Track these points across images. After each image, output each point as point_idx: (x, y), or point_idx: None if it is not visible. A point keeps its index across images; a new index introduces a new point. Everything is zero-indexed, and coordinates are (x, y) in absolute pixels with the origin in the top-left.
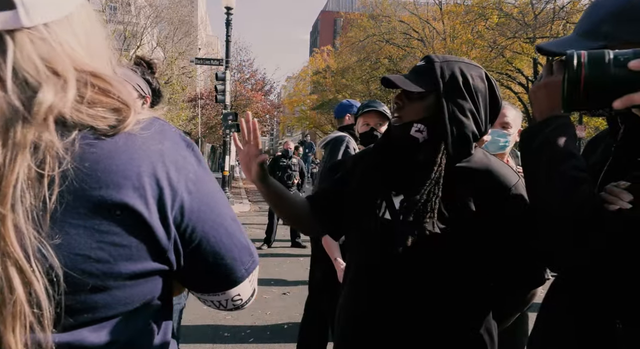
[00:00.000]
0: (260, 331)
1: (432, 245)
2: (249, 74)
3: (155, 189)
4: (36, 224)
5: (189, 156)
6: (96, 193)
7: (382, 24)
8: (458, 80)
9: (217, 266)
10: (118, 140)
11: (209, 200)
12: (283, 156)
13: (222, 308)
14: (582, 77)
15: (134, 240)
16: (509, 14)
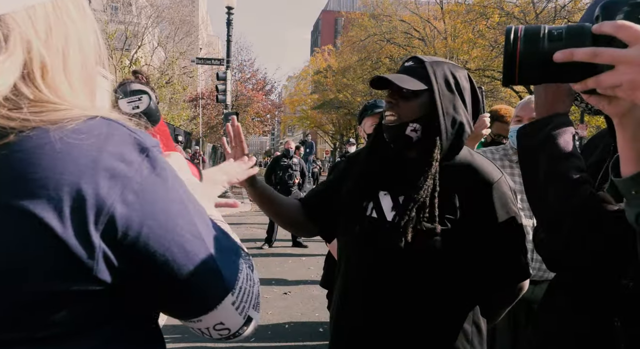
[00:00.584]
0: (261, 331)
1: (423, 241)
2: (250, 73)
3: (75, 201)
4: None
5: (137, 162)
6: (6, 203)
7: (383, 23)
8: (449, 79)
9: (173, 291)
10: (44, 145)
11: (157, 212)
12: (284, 155)
13: (208, 336)
14: (517, 52)
15: (47, 255)
16: (510, 13)
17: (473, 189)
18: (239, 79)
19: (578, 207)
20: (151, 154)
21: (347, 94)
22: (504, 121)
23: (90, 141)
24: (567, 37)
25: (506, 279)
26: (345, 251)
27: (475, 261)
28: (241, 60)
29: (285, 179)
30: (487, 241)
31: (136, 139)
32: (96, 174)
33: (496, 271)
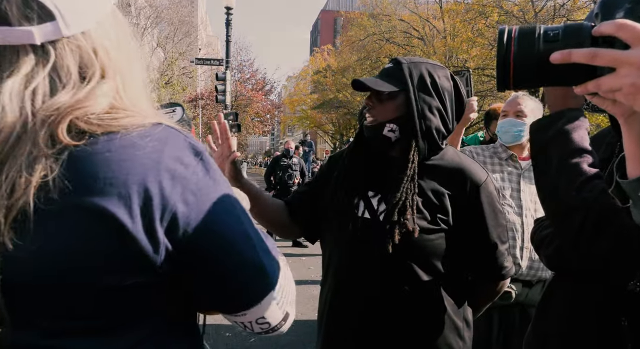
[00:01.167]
0: None
1: (413, 241)
2: (250, 73)
3: (142, 199)
4: (16, 228)
5: (193, 164)
6: (80, 200)
7: (383, 22)
8: (426, 79)
9: (222, 285)
10: (111, 147)
11: (212, 212)
12: (284, 155)
13: (250, 330)
14: (511, 55)
15: (118, 250)
16: (509, 11)
17: (462, 189)
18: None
19: (590, 202)
20: (204, 158)
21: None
22: None
23: (152, 144)
24: (564, 38)
25: (486, 276)
26: (335, 251)
27: (461, 257)
28: (240, 61)
29: (285, 179)
30: (471, 238)
31: (191, 144)
32: (159, 174)
33: (477, 267)
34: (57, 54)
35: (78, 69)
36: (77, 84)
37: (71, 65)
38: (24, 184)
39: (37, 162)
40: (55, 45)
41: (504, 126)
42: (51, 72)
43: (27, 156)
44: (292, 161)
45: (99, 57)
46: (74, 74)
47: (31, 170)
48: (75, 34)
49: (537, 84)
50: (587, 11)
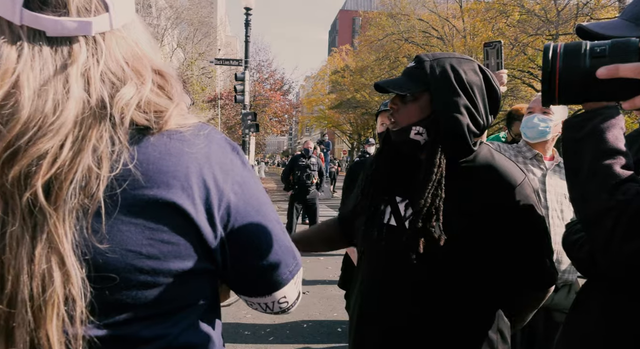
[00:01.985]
0: (280, 330)
1: (441, 248)
2: (268, 74)
3: (203, 190)
4: (87, 221)
5: (234, 158)
6: (147, 192)
7: (401, 22)
8: (450, 76)
9: (261, 268)
10: (168, 142)
11: (254, 202)
12: (302, 155)
13: (269, 311)
14: (557, 70)
15: (182, 238)
16: (530, 10)
17: (496, 192)
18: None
19: (623, 205)
20: (240, 152)
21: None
22: None
23: (201, 140)
24: (611, 53)
25: (532, 285)
26: (364, 260)
27: (499, 266)
28: (259, 61)
29: (303, 178)
30: (511, 246)
31: (227, 140)
32: (212, 167)
33: (521, 276)
34: (107, 45)
35: (125, 62)
36: (129, 77)
37: (119, 57)
38: (95, 176)
39: (106, 156)
40: (104, 37)
41: (529, 122)
42: (105, 64)
43: (95, 150)
44: (311, 161)
45: (141, 49)
46: (123, 67)
47: (101, 163)
48: (119, 27)
49: (583, 99)
50: (611, 9)
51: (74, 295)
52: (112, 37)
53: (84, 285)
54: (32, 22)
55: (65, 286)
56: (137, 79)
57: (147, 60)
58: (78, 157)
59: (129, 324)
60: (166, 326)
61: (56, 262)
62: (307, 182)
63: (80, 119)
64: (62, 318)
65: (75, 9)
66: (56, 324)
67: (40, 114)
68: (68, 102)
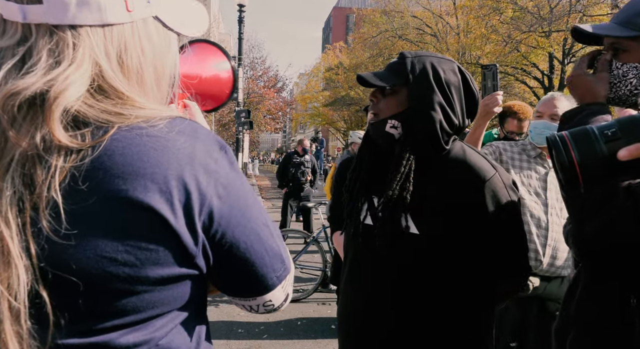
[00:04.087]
0: (274, 327)
1: (414, 244)
2: (262, 71)
3: (183, 194)
4: (45, 218)
5: (220, 158)
6: (123, 195)
7: (395, 19)
8: (428, 73)
9: (247, 273)
10: (147, 141)
11: (240, 204)
12: (296, 152)
13: (254, 311)
14: (574, 160)
15: (160, 245)
16: (523, 7)
17: (465, 187)
18: (250, 76)
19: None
20: (228, 151)
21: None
22: (517, 117)
23: (183, 138)
24: (623, 134)
25: (503, 277)
26: (345, 259)
27: (471, 260)
28: (253, 58)
29: (297, 176)
30: (483, 239)
31: (214, 137)
32: (194, 169)
33: (492, 269)
34: (37, 37)
35: (49, 58)
36: (41, 71)
37: (43, 51)
38: (41, 168)
39: (54, 151)
40: (38, 29)
41: (537, 128)
42: (26, 53)
43: (41, 144)
44: (305, 158)
45: (77, 52)
46: (44, 61)
47: (47, 154)
48: (61, 25)
49: (608, 179)
50: (604, 6)
51: (18, 291)
52: (47, 31)
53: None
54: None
55: (9, 283)
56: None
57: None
58: (5, 146)
59: (107, 331)
60: (148, 332)
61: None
62: (301, 179)
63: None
64: (16, 314)
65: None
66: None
67: None
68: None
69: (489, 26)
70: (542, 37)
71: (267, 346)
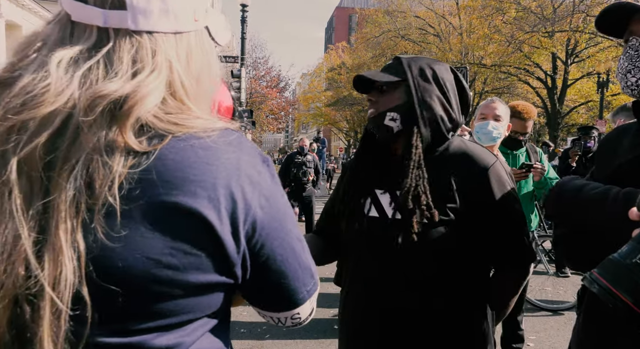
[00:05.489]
0: (276, 327)
1: (429, 233)
2: (264, 71)
3: (230, 202)
4: (99, 220)
5: (263, 171)
6: (172, 199)
7: (398, 19)
8: (425, 70)
9: (280, 286)
10: (198, 150)
11: (279, 217)
12: (298, 153)
13: (281, 324)
14: (623, 298)
15: (204, 250)
16: (527, 7)
17: (470, 175)
18: (253, 76)
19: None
20: (270, 164)
21: None
22: (521, 117)
23: (231, 149)
24: None
25: (511, 262)
26: (349, 254)
27: (481, 247)
28: (255, 58)
29: (299, 176)
30: (490, 225)
31: (258, 150)
32: (240, 179)
33: (500, 253)
34: (116, 41)
35: (130, 63)
36: (126, 76)
37: (125, 56)
38: (102, 172)
39: (116, 155)
40: (117, 34)
41: (483, 128)
42: (105, 57)
43: (97, 142)
44: (307, 158)
45: (156, 59)
46: (126, 66)
47: (108, 159)
48: (141, 31)
49: None
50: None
51: (65, 286)
52: (127, 36)
53: (84, 285)
54: (65, 4)
55: (57, 278)
56: (130, 77)
57: (166, 74)
58: (73, 146)
59: (141, 333)
60: (180, 336)
61: (51, 250)
62: (303, 179)
63: (71, 105)
64: (56, 315)
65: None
66: (47, 322)
67: (32, 90)
68: (53, 85)
69: (492, 26)
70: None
71: (269, 346)
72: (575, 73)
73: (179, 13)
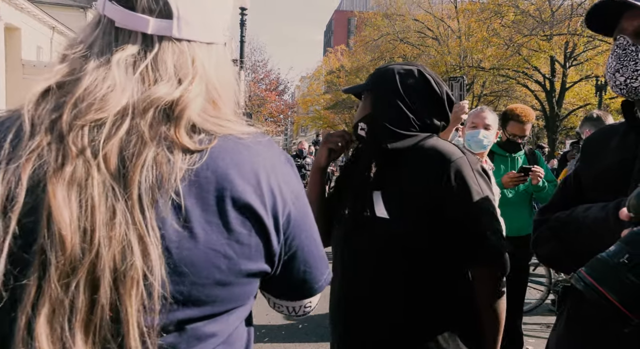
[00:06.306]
0: (275, 331)
1: (388, 233)
2: (263, 74)
3: (271, 198)
4: (170, 213)
5: (290, 171)
6: (227, 194)
7: (397, 22)
8: (387, 77)
9: (304, 274)
10: (242, 150)
11: (306, 212)
12: (297, 155)
13: (294, 313)
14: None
15: (254, 241)
16: (525, 11)
17: (432, 168)
18: (252, 79)
19: None
20: (293, 165)
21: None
22: (519, 120)
23: (265, 149)
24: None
25: (476, 259)
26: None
27: (445, 241)
28: (254, 61)
29: None
30: (452, 220)
31: (284, 152)
32: (277, 177)
33: (467, 250)
34: (160, 47)
35: (174, 68)
36: (172, 80)
37: (169, 61)
38: (167, 167)
39: (175, 152)
40: (161, 40)
41: (474, 136)
42: (152, 62)
43: (166, 145)
44: (306, 161)
45: (195, 65)
46: (170, 71)
47: (170, 155)
48: (182, 40)
49: None
50: None
51: (152, 269)
52: (170, 43)
53: (163, 269)
54: (109, 11)
55: (145, 261)
56: (176, 84)
57: (204, 78)
58: (141, 143)
59: (196, 320)
60: (224, 323)
61: (135, 235)
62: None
63: (132, 106)
64: (141, 295)
65: (141, 7)
66: (135, 300)
67: (95, 91)
68: (115, 87)
69: (491, 29)
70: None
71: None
72: (574, 76)
73: (213, 25)
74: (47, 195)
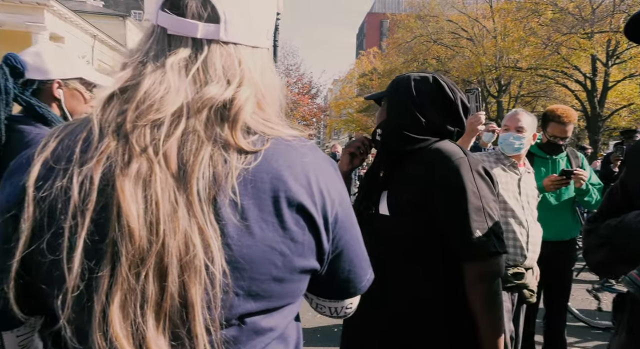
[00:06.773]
0: (310, 334)
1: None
2: (296, 77)
3: (320, 197)
4: (230, 212)
5: (335, 174)
6: (281, 194)
7: (430, 24)
8: (401, 85)
9: (349, 274)
10: (292, 152)
11: (349, 212)
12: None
13: (335, 314)
14: None
15: (307, 239)
16: (564, 8)
17: (432, 166)
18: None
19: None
20: (337, 168)
21: None
22: (560, 121)
23: (312, 152)
24: None
25: (464, 255)
26: None
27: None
28: (287, 65)
29: None
30: (440, 217)
31: (327, 155)
32: (325, 178)
33: (453, 247)
34: (209, 50)
35: (222, 70)
36: (221, 81)
37: (217, 63)
38: (222, 167)
39: (231, 152)
40: (210, 44)
41: (506, 139)
42: (202, 64)
43: (222, 145)
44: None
45: (241, 67)
46: (219, 72)
47: (225, 154)
48: (229, 43)
49: None
50: None
51: (213, 259)
52: (218, 46)
53: (224, 260)
54: (161, 20)
55: (206, 252)
56: (226, 85)
57: (252, 81)
58: (198, 142)
59: (255, 314)
60: (279, 318)
61: (196, 228)
62: None
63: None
64: (204, 283)
65: (190, 13)
66: (199, 288)
67: (154, 93)
68: (171, 88)
69: (528, 29)
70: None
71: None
72: (617, 75)
73: (258, 30)
74: (116, 192)
